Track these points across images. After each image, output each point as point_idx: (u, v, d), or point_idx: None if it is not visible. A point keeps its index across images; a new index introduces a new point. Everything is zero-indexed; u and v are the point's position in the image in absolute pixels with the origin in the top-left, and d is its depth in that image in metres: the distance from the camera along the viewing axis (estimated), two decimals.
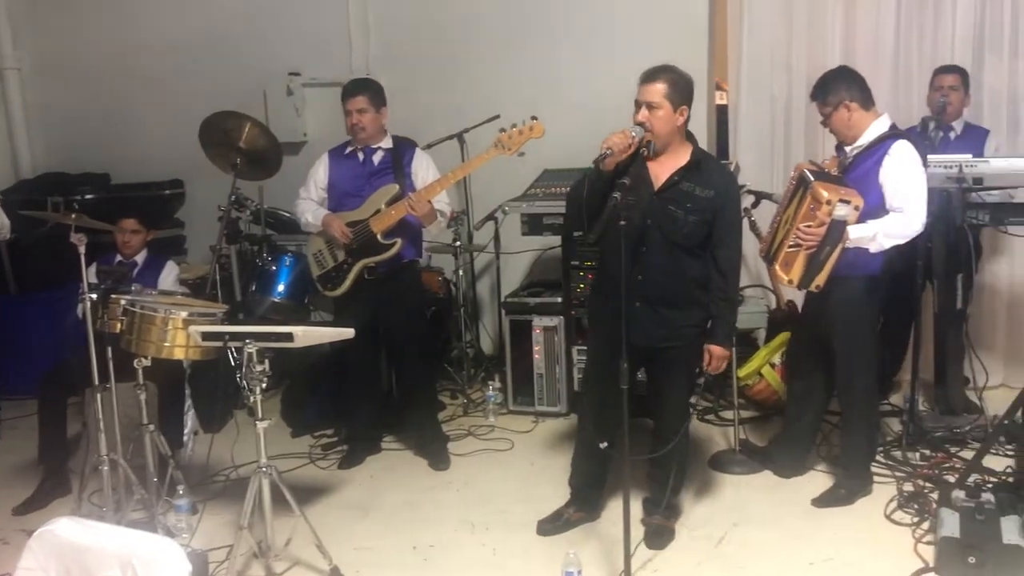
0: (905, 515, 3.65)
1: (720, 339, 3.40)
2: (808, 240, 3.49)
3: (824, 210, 3.41)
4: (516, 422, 4.90)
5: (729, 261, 3.37)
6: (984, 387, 4.70)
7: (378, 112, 4.21)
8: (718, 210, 3.29)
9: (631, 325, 3.08)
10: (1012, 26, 5.01)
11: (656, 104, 3.23)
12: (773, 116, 5.49)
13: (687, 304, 3.36)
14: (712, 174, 3.34)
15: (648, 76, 3.26)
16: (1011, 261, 5.11)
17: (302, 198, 4.37)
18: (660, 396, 3.52)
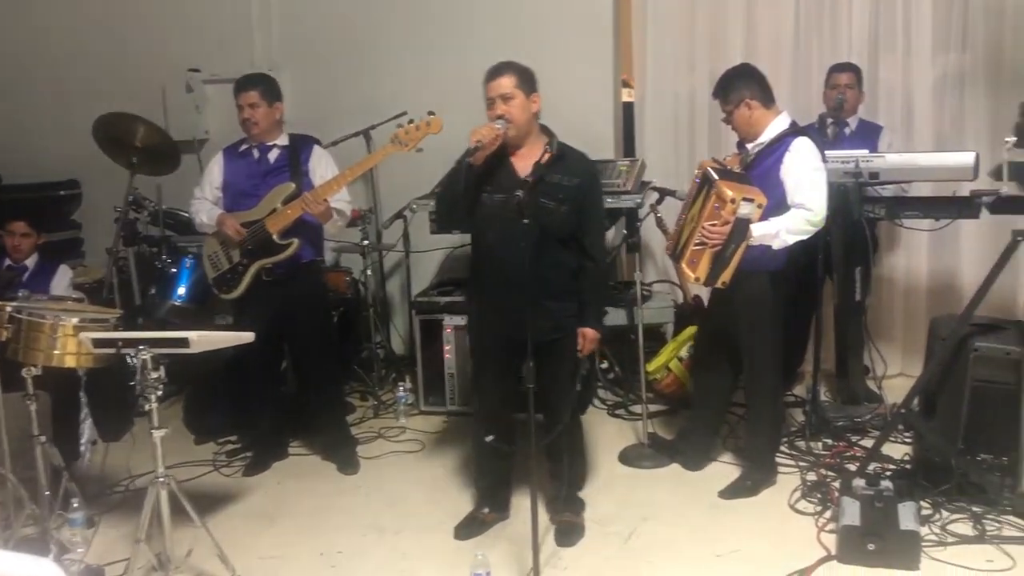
0: (808, 505, 3.73)
1: (592, 322, 3.44)
2: (713, 239, 3.53)
3: (728, 209, 3.45)
4: (427, 423, 4.85)
5: (597, 246, 3.45)
6: (883, 376, 4.85)
7: (271, 107, 4.11)
8: (584, 197, 3.35)
9: (514, 320, 3.15)
10: (905, 25, 5.16)
11: (510, 95, 3.28)
12: (677, 113, 5.56)
13: (566, 295, 3.39)
14: (575, 163, 3.40)
15: (494, 72, 3.33)
16: (907, 253, 5.27)
17: (196, 198, 4.24)
18: (547, 389, 3.46)
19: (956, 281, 5.18)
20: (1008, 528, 3.43)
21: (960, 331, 3.57)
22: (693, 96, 5.52)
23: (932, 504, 3.57)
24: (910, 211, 4.37)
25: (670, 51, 5.49)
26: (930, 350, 3.87)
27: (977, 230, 4.93)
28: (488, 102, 3.34)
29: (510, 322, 3.28)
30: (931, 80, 5.18)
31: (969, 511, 3.52)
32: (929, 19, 5.12)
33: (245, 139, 4.21)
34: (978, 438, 3.61)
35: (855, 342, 4.63)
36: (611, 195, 4.64)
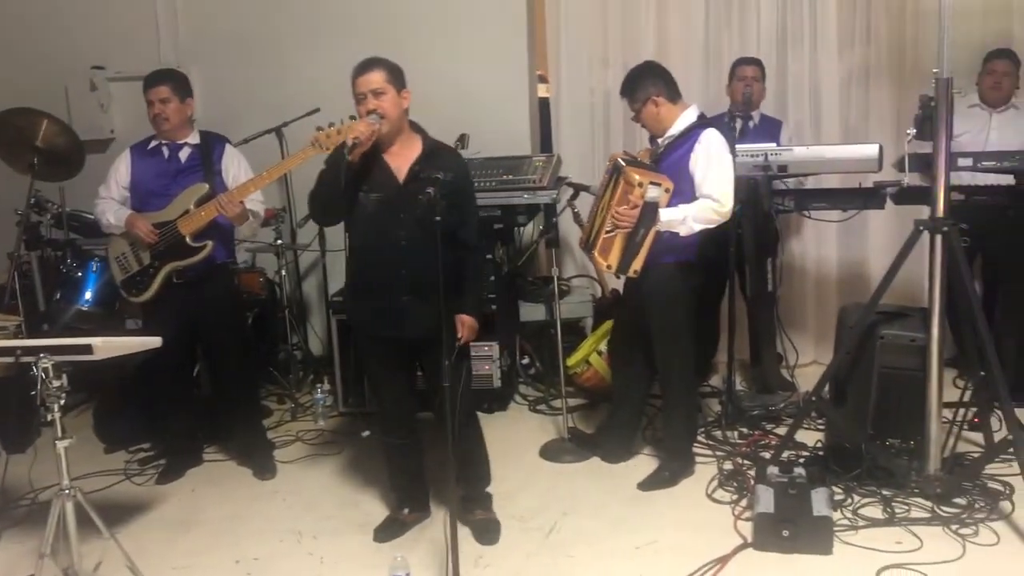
0: (725, 493, 3.78)
1: (470, 309, 3.42)
2: (623, 222, 3.57)
3: (636, 192, 3.49)
4: (347, 424, 4.78)
5: (471, 237, 3.44)
6: (795, 365, 4.95)
7: (183, 103, 4.01)
8: (459, 191, 3.33)
9: (404, 320, 3.17)
10: (811, 21, 5.28)
11: (381, 90, 3.25)
12: (593, 109, 5.60)
13: (450, 289, 3.29)
14: (447, 158, 3.40)
15: (364, 67, 3.28)
16: (817, 244, 5.40)
17: (102, 197, 4.10)
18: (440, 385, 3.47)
19: (865, 270, 5.33)
20: (916, 510, 3.52)
21: (867, 319, 3.66)
22: (608, 91, 5.56)
23: (844, 489, 3.65)
24: (818, 203, 4.48)
25: (584, 47, 5.52)
26: (839, 338, 3.96)
27: (885, 220, 5.08)
28: (359, 97, 3.28)
29: (397, 322, 3.28)
30: (837, 74, 5.31)
31: (879, 495, 3.61)
32: (834, 15, 5.25)
33: (154, 136, 4.09)
34: (886, 423, 3.71)
35: (768, 332, 4.71)
36: (527, 191, 4.66)
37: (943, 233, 3.39)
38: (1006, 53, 4.85)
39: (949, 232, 3.39)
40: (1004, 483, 3.63)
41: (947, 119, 3.36)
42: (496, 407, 4.89)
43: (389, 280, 3.30)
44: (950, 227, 3.39)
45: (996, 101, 4.88)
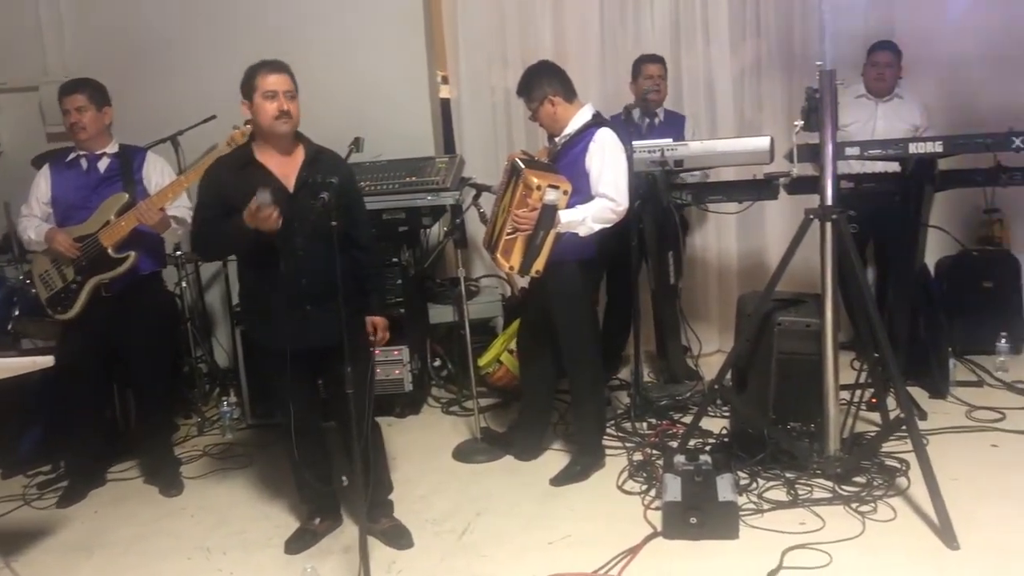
0: (636, 484, 3.83)
1: (377, 309, 3.44)
2: (522, 225, 3.58)
3: (535, 196, 3.51)
4: (256, 436, 4.70)
5: (367, 237, 3.43)
6: (700, 355, 5.05)
7: (100, 111, 3.93)
8: (346, 193, 3.27)
9: (307, 331, 3.12)
10: (703, 16, 5.39)
11: (293, 93, 3.24)
12: (494, 108, 5.62)
13: (350, 295, 3.29)
14: (331, 162, 3.37)
15: (277, 67, 3.26)
16: (717, 236, 5.52)
17: (24, 215, 4.01)
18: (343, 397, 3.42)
19: (764, 259, 5.47)
20: (818, 491, 3.63)
21: (764, 307, 3.76)
22: (509, 91, 5.56)
23: (749, 474, 3.74)
24: (714, 195, 4.58)
25: (483, 47, 5.54)
26: (739, 327, 4.05)
27: (780, 210, 5.22)
28: (268, 94, 3.20)
29: (301, 334, 3.22)
30: (731, 68, 5.43)
31: (783, 477, 3.71)
32: (725, 9, 5.37)
33: (72, 148, 3.99)
34: (787, 407, 3.82)
35: (672, 324, 4.80)
36: (431, 192, 4.66)
37: (832, 221, 3.49)
38: (888, 45, 5.03)
39: (838, 219, 3.49)
40: (900, 460, 3.76)
41: (832, 110, 3.46)
42: (408, 411, 4.87)
43: (289, 292, 3.23)
44: (839, 215, 3.49)
45: (881, 91, 5.05)
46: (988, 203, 4.94)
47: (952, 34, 5.30)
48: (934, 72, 5.27)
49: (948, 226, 4.98)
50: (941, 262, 5.25)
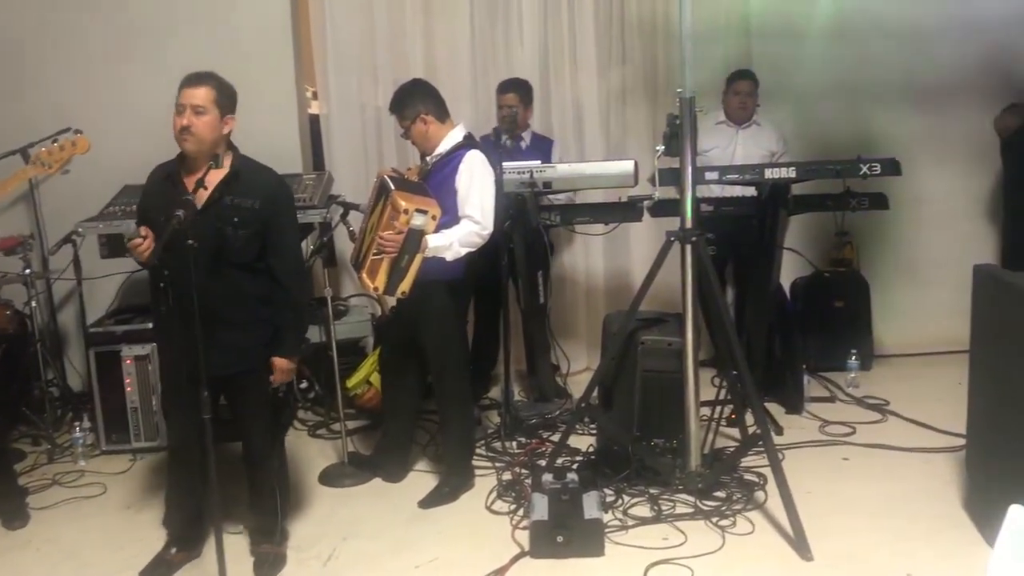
0: (504, 504, 3.83)
1: (286, 350, 3.27)
2: (388, 247, 3.54)
3: (402, 219, 3.48)
4: (110, 463, 4.48)
5: (286, 270, 3.25)
6: (568, 373, 5.11)
7: None
8: (267, 219, 3.17)
9: (192, 353, 2.95)
10: (571, 43, 5.49)
11: (204, 108, 3.08)
12: (364, 125, 5.56)
13: (251, 325, 3.21)
14: (255, 182, 3.20)
15: (196, 79, 3.12)
16: (585, 256, 5.62)
17: None
18: (243, 422, 3.35)
19: (629, 280, 5.59)
20: (681, 506, 3.72)
21: (628, 326, 3.83)
22: (379, 108, 5.53)
23: (614, 491, 3.80)
24: (582, 217, 4.67)
25: (353, 63, 5.47)
26: (604, 345, 4.12)
27: (645, 231, 5.35)
28: (179, 108, 3.09)
29: (184, 354, 3.08)
30: (598, 92, 5.54)
31: (647, 493, 3.79)
32: (592, 37, 5.48)
33: None
34: (651, 424, 3.89)
35: (541, 342, 4.85)
36: (298, 210, 4.55)
37: (692, 243, 3.60)
38: (747, 74, 5.24)
39: (697, 242, 3.60)
40: (758, 474, 3.90)
41: (691, 136, 3.57)
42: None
43: (184, 313, 3.04)
44: (698, 237, 3.60)
45: (740, 119, 5.25)
46: (839, 227, 5.19)
47: (806, 66, 5.56)
48: (790, 101, 5.52)
49: (802, 248, 5.22)
50: (796, 283, 5.48)
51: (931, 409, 4.58)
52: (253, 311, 3.22)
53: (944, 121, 5.66)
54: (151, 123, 4.67)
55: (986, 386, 3.41)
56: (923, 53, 5.57)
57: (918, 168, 5.31)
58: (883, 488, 3.85)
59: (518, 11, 5.44)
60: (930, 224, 5.75)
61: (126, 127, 3.59)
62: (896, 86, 5.61)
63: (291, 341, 3.30)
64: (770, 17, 5.54)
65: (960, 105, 5.62)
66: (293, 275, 3.29)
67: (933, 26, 5.51)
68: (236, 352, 3.18)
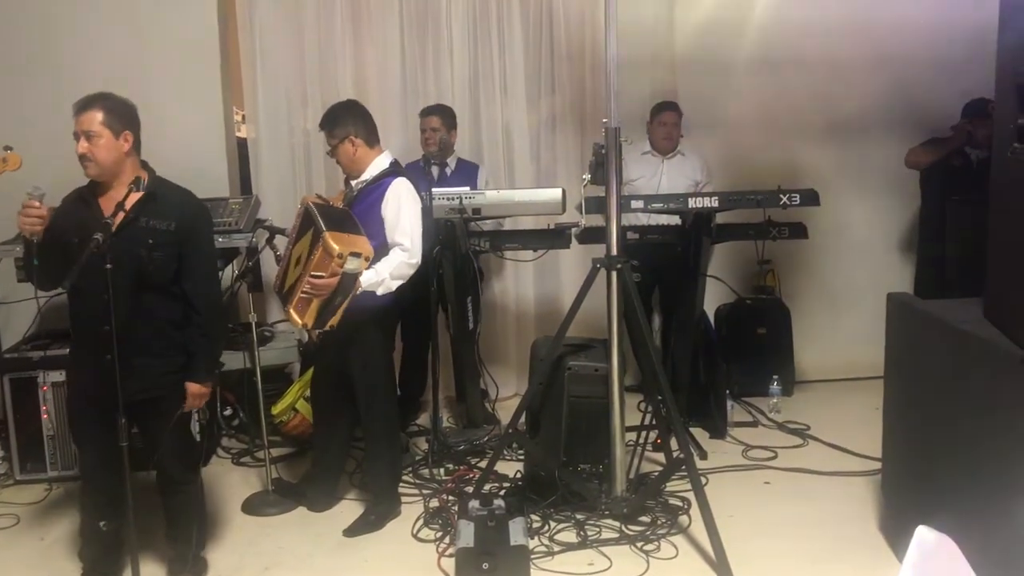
0: (431, 531, 3.82)
1: (199, 376, 3.23)
2: (321, 292, 3.50)
3: (336, 263, 3.43)
4: (24, 493, 4.33)
5: (200, 294, 3.21)
6: (497, 399, 5.12)
7: None
8: (182, 242, 3.14)
9: (104, 379, 2.92)
10: (501, 70, 5.54)
11: (95, 132, 3.05)
12: (293, 149, 5.52)
13: (164, 349, 3.16)
14: (170, 204, 3.17)
15: (83, 105, 3.09)
16: (515, 281, 5.64)
17: None
18: (154, 447, 3.25)
19: (559, 306, 5.62)
20: (606, 531, 3.75)
21: (555, 351, 3.86)
22: (309, 131, 5.51)
23: (541, 516, 3.82)
24: (511, 243, 4.70)
25: (282, 85, 5.43)
26: (533, 371, 4.14)
27: (574, 258, 5.40)
28: (75, 135, 3.08)
29: (99, 379, 3.01)
30: (527, 119, 5.60)
31: (573, 519, 3.81)
32: (522, 64, 5.54)
33: None
34: (578, 449, 3.92)
35: (471, 368, 4.85)
36: (223, 234, 4.51)
37: (617, 270, 3.65)
38: (672, 105, 5.35)
39: (622, 269, 3.65)
40: (682, 498, 3.96)
41: (616, 165, 3.64)
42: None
43: (95, 336, 3.01)
44: (623, 264, 3.65)
45: (666, 149, 5.35)
46: (761, 255, 5.32)
47: (730, 98, 5.70)
48: (714, 133, 5.64)
49: (725, 276, 5.32)
50: (720, 310, 5.58)
51: (850, 433, 4.70)
52: (166, 335, 3.17)
53: (863, 153, 5.84)
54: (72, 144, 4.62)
55: (900, 411, 3.52)
56: (842, 87, 5.76)
57: (837, 198, 5.49)
58: (803, 511, 3.94)
59: (448, 37, 5.48)
60: (849, 253, 5.92)
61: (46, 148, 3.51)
62: (817, 118, 5.78)
63: (204, 366, 3.25)
64: (695, 50, 5.67)
65: (878, 138, 5.80)
66: (206, 299, 3.25)
67: (851, 60, 5.69)
68: (148, 377, 3.11)
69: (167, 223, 3.11)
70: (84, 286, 2.98)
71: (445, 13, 5.46)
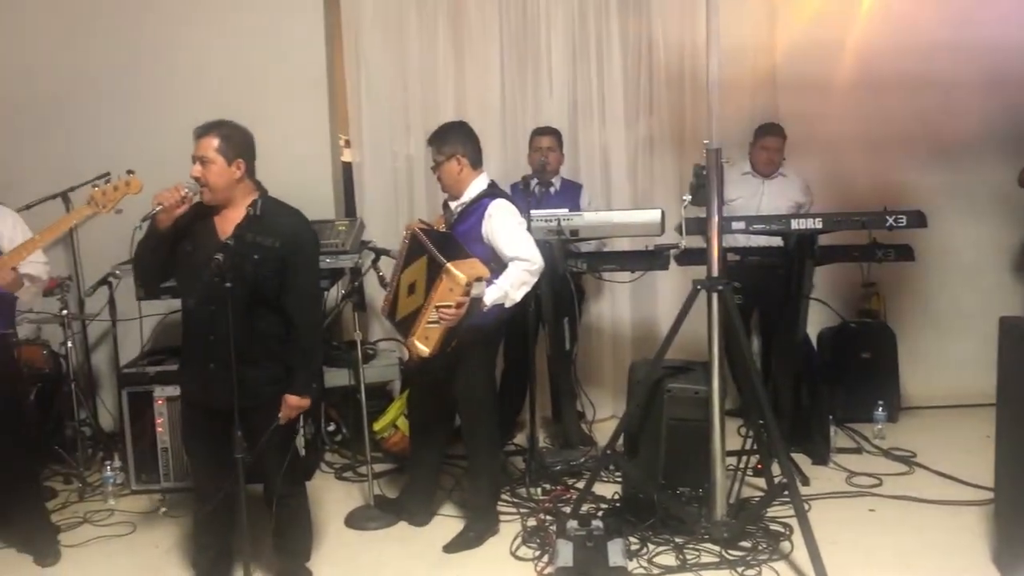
0: (529, 550, 3.84)
1: (297, 388, 3.30)
2: (450, 320, 3.53)
3: (463, 291, 3.48)
4: (139, 502, 4.53)
5: (300, 311, 3.29)
6: (594, 420, 5.12)
7: None
8: (286, 258, 3.23)
9: (210, 388, 3.09)
10: (600, 93, 5.60)
11: (209, 158, 3.19)
12: (396, 173, 5.67)
13: (264, 361, 3.26)
14: (277, 222, 3.28)
15: (201, 131, 3.23)
16: (612, 303, 5.65)
17: None
18: (259, 460, 3.32)
19: (655, 328, 5.61)
20: (706, 555, 3.70)
21: (654, 374, 3.86)
22: (411, 157, 5.65)
23: (639, 539, 3.80)
24: (608, 265, 4.72)
25: (386, 113, 5.60)
26: (630, 393, 4.14)
27: (672, 280, 5.38)
28: (192, 159, 3.22)
29: (207, 390, 3.19)
30: (625, 142, 5.62)
31: (672, 542, 3.77)
32: (620, 88, 5.59)
33: None
34: (676, 472, 3.90)
35: (567, 389, 4.87)
36: (330, 255, 4.65)
37: (718, 292, 3.63)
38: (775, 129, 5.28)
39: (724, 291, 3.63)
40: (784, 524, 3.88)
41: (718, 186, 3.62)
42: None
43: (201, 346, 3.20)
44: (724, 286, 3.63)
45: (767, 172, 5.29)
46: (865, 277, 5.20)
47: (832, 119, 5.62)
48: (816, 153, 5.57)
49: (828, 299, 5.22)
50: (822, 333, 5.49)
51: (959, 461, 4.55)
52: (269, 348, 3.27)
53: (970, 174, 5.70)
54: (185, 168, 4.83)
55: (1014, 439, 3.40)
56: (948, 106, 5.64)
57: (944, 220, 5.34)
58: (910, 540, 3.83)
59: (548, 62, 5.57)
60: (957, 276, 5.77)
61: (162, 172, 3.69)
62: (922, 139, 5.67)
63: (301, 380, 3.33)
64: (795, 69, 5.62)
65: (986, 158, 5.66)
66: (306, 315, 3.33)
67: (959, 82, 5.58)
68: (248, 386, 3.19)
69: (273, 240, 3.21)
70: (198, 300, 3.18)
71: (545, 39, 5.57)
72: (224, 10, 5.40)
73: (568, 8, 5.56)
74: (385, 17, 5.55)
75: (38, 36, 5.39)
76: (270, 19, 5.40)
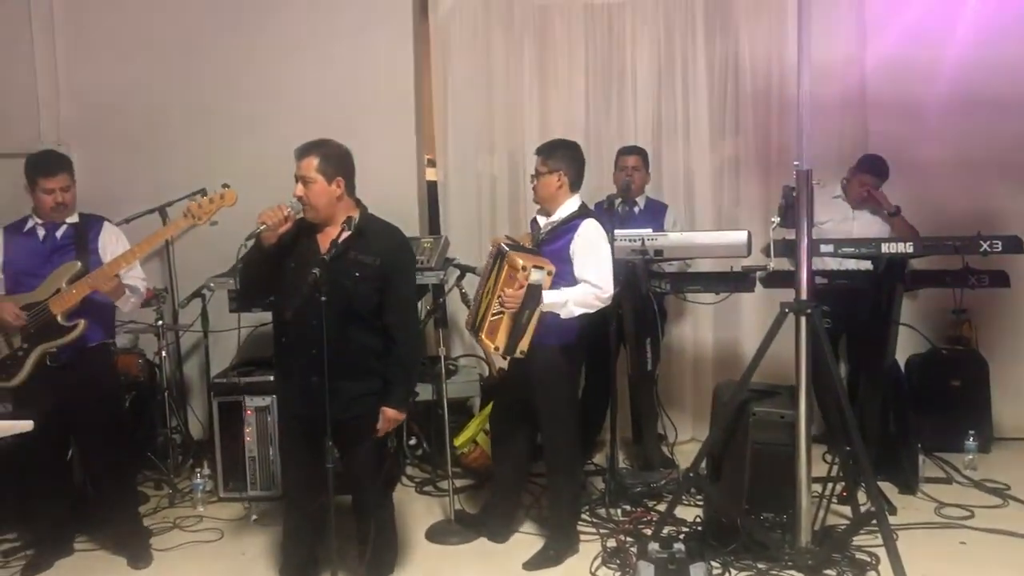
0: (609, 571, 3.83)
1: (393, 402, 3.38)
2: (509, 303, 3.62)
3: (521, 275, 3.58)
4: (227, 510, 4.64)
5: (399, 325, 3.37)
6: (675, 442, 5.08)
7: (74, 185, 3.96)
8: (386, 276, 3.32)
9: (307, 398, 3.18)
10: (684, 113, 5.59)
11: (310, 178, 3.27)
12: (480, 193, 5.74)
13: (363, 374, 3.34)
14: (377, 240, 3.36)
15: (301, 152, 3.32)
16: (694, 325, 5.61)
17: None
18: (352, 470, 3.43)
19: (739, 350, 5.55)
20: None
21: (739, 397, 3.82)
22: (494, 176, 5.72)
23: (722, 563, 3.75)
24: (692, 286, 4.69)
25: (471, 132, 5.68)
26: (714, 415, 4.11)
27: (756, 302, 5.32)
28: (295, 178, 3.33)
29: (304, 400, 3.27)
30: (709, 163, 5.60)
31: (755, 568, 3.73)
32: (706, 108, 5.56)
33: (29, 217, 3.99)
34: (760, 497, 3.84)
35: (648, 410, 4.84)
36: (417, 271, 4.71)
37: (807, 315, 3.59)
38: (876, 168, 5.16)
39: (812, 314, 3.58)
40: (870, 554, 3.80)
41: (808, 208, 3.58)
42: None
43: (300, 358, 3.28)
44: (813, 309, 3.59)
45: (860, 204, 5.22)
46: (957, 304, 5.07)
47: (924, 140, 5.50)
48: (907, 175, 5.44)
49: (918, 325, 5.11)
50: (911, 359, 5.36)
51: None
52: (367, 363, 3.35)
53: None
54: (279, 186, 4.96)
55: None
56: None
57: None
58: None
59: (633, 82, 5.59)
60: None
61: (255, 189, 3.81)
62: (1018, 162, 5.49)
63: (399, 393, 3.41)
64: (886, 90, 5.51)
65: None
66: (406, 331, 3.42)
67: None
68: (346, 399, 3.28)
69: (373, 258, 3.30)
70: (297, 312, 3.26)
71: (631, 59, 5.59)
72: (321, 37, 5.55)
73: (654, 27, 5.57)
74: (472, 39, 5.65)
75: (147, 59, 5.60)
76: (363, 46, 5.53)
